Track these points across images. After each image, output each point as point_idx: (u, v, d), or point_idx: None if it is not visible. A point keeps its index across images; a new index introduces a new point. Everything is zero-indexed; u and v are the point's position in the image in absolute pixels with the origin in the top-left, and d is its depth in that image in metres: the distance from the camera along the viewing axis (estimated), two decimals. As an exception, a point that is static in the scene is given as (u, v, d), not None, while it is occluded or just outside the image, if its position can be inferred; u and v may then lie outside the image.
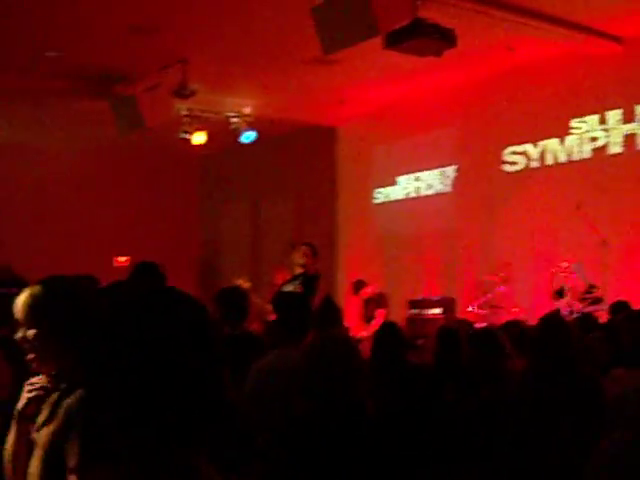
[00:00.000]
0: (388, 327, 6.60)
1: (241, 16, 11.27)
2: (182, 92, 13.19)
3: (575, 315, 10.69)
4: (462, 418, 6.00)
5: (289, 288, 9.76)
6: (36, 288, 3.07)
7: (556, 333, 5.43)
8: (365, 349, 8.12)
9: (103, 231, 17.89)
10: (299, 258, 9.69)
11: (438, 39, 10.04)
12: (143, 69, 13.34)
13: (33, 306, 3.02)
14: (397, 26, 9.66)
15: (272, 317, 5.60)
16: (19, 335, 3.06)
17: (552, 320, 5.69)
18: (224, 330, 5.89)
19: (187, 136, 15.51)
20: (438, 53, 10.48)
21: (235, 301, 6.14)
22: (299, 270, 10.03)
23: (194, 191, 20.59)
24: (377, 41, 10.02)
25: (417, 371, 6.34)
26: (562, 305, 11.53)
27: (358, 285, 13.84)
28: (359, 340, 12.22)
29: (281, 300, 5.46)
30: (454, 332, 6.75)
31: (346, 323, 14.15)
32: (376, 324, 11.64)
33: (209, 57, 12.84)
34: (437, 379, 6.23)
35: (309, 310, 5.47)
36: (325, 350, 3.69)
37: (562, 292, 11.85)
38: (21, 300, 3.06)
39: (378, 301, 13.34)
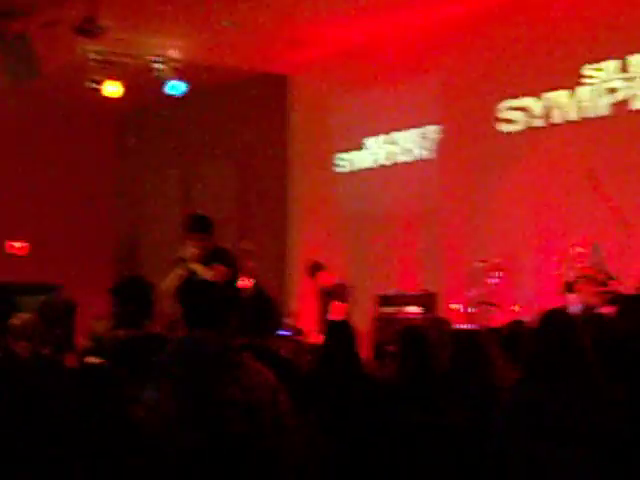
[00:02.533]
0: (340, 325, 6.44)
1: None
2: (88, 29, 13.01)
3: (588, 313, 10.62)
4: (429, 444, 5.87)
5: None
6: None
7: (560, 337, 5.27)
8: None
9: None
10: (191, 253, 9.38)
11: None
12: (38, 0, 13.15)
13: None
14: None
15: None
16: None
17: (555, 319, 5.52)
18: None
19: (97, 86, 15.41)
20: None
21: (134, 293, 6.00)
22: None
23: (109, 156, 20.36)
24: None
25: (373, 387, 6.19)
26: (573, 301, 11.45)
27: (315, 268, 13.70)
28: (315, 347, 12.05)
29: (187, 288, 5.29)
30: (420, 334, 6.57)
31: (299, 323, 14.15)
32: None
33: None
34: (399, 396, 6.07)
35: (226, 301, 5.24)
36: None
37: (572, 286, 11.77)
38: None
39: (339, 294, 13.20)
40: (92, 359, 6.32)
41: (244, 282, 10.91)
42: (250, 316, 5.99)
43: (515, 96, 14.30)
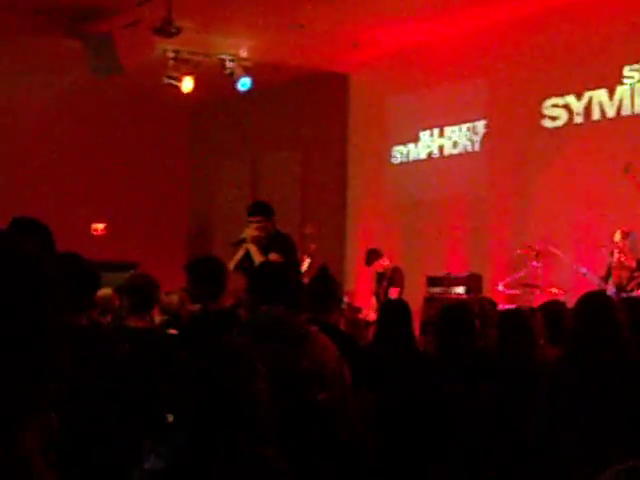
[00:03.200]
0: (395, 305, 6.42)
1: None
2: (166, 29, 13.13)
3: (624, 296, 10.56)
4: (468, 413, 5.88)
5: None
6: None
7: (599, 315, 5.22)
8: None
9: (77, 194, 17.72)
10: (251, 233, 9.33)
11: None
12: (120, 3, 13.34)
13: None
14: None
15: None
16: None
17: (594, 299, 5.46)
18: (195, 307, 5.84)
19: (173, 82, 15.47)
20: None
21: (207, 272, 6.01)
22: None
23: (183, 147, 20.42)
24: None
25: (422, 358, 6.19)
26: (610, 285, 11.40)
27: (372, 255, 13.78)
28: (370, 323, 12.07)
29: (253, 269, 5.29)
30: (457, 312, 6.55)
31: (356, 302, 14.15)
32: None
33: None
34: (440, 367, 6.07)
35: (292, 282, 5.26)
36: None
37: (609, 276, 11.73)
38: None
39: (392, 277, 13.22)
40: (172, 331, 6.37)
41: (307, 263, 10.94)
42: (315, 294, 5.99)
43: (558, 94, 14.18)
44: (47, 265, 1.47)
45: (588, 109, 13.90)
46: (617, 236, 11.67)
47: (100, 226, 18.03)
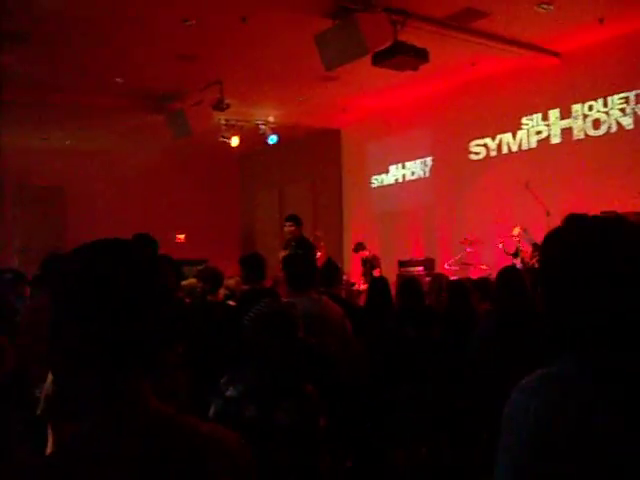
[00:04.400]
0: (380, 281, 6.42)
1: (264, 45, 11.20)
2: (220, 106, 13.06)
3: (528, 268, 10.54)
4: (424, 349, 5.86)
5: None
6: None
7: (511, 281, 5.21)
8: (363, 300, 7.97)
9: (166, 215, 17.68)
10: (286, 232, 9.46)
11: (414, 57, 9.83)
12: (189, 89, 13.27)
13: None
14: (381, 47, 9.47)
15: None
16: None
17: (508, 271, 5.47)
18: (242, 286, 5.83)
19: (226, 140, 15.44)
20: (415, 68, 10.33)
21: (254, 263, 6.02)
22: (289, 238, 9.78)
23: (234, 182, 20.37)
24: (367, 60, 9.83)
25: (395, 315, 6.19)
26: (517, 262, 11.36)
27: (358, 247, 13.81)
28: (360, 292, 12.08)
29: (288, 260, 5.26)
30: (410, 282, 6.53)
31: (351, 279, 14.10)
32: (374, 280, 11.44)
33: (240, 78, 12.66)
34: (401, 321, 6.05)
35: (311, 267, 5.27)
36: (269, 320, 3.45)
37: (517, 253, 11.68)
38: None
39: (372, 262, 13.20)
40: (230, 302, 6.36)
41: (319, 255, 10.94)
42: (324, 275, 5.99)
43: (479, 137, 14.13)
44: (159, 263, 1.49)
45: (499, 146, 13.78)
46: (516, 230, 11.63)
47: (182, 236, 18.03)
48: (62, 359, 1.35)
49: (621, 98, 11.82)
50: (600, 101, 12.11)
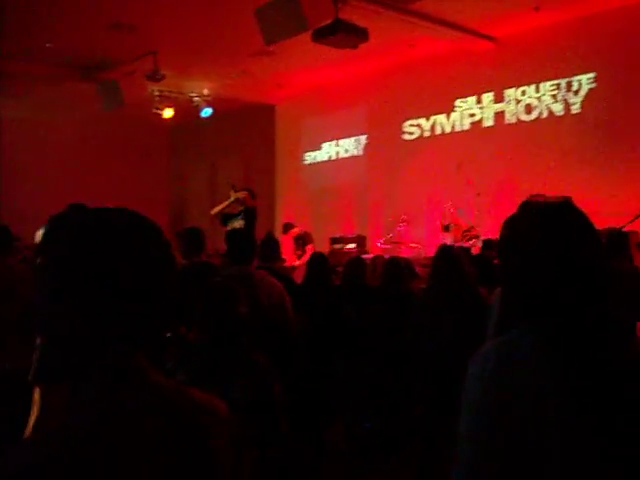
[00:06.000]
0: (319, 256, 6.51)
1: (201, 17, 11.11)
2: (154, 77, 12.97)
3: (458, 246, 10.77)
4: (373, 320, 6.02)
5: (235, 222, 9.80)
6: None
7: (448, 260, 5.34)
8: (298, 276, 8.06)
9: (98, 185, 17.34)
10: (242, 200, 9.76)
11: (354, 35, 9.90)
12: (123, 59, 13.05)
13: None
14: (322, 24, 9.53)
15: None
16: None
17: (445, 250, 5.62)
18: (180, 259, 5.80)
19: (158, 111, 15.30)
20: (354, 46, 10.40)
21: (193, 237, 6.01)
22: (240, 208, 10.03)
23: (164, 155, 20.13)
24: (307, 36, 9.85)
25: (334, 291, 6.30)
26: (448, 239, 11.57)
27: (286, 227, 13.60)
28: (293, 268, 12.14)
29: (231, 236, 5.29)
30: (360, 260, 6.67)
31: (283, 255, 14.14)
32: (306, 257, 11.52)
33: (176, 49, 12.56)
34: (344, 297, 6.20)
35: (253, 243, 5.32)
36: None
37: (448, 228, 11.90)
38: None
39: (304, 238, 13.21)
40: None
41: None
42: (264, 251, 6.02)
43: (413, 117, 14.32)
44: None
45: (433, 127, 14.00)
46: (451, 208, 11.90)
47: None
48: (61, 325, 1.31)
49: (553, 85, 12.17)
50: (532, 87, 12.44)
